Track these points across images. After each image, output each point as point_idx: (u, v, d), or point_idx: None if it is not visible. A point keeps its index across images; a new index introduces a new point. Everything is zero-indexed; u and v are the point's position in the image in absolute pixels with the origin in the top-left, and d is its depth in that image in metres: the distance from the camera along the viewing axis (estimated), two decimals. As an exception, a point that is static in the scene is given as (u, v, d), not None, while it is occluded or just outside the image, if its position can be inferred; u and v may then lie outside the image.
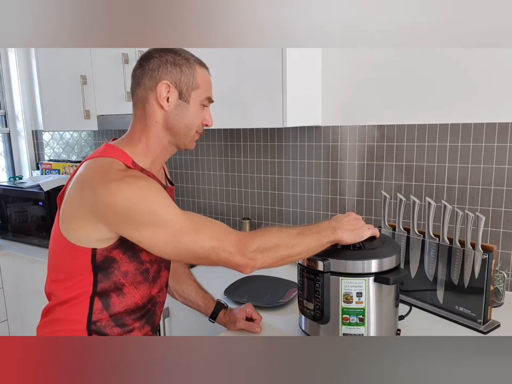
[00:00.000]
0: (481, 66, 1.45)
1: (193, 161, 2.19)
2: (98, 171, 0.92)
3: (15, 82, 2.74)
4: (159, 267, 1.06)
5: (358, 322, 1.07)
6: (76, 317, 0.97)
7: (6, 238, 2.39)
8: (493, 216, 1.49)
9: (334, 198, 1.80)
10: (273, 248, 0.97)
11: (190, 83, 1.00)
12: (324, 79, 1.74)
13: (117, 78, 1.86)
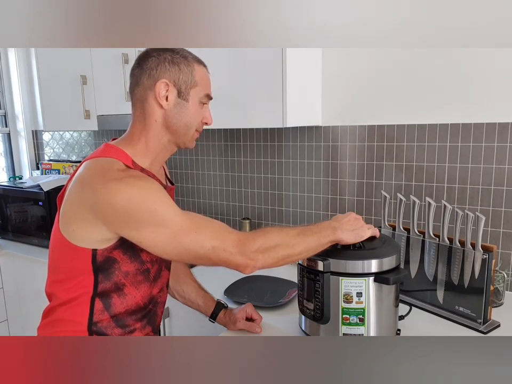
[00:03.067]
0: (481, 66, 1.45)
1: (193, 161, 2.19)
2: (98, 171, 0.92)
3: (15, 82, 2.74)
4: (159, 267, 1.06)
5: (358, 322, 1.07)
6: (76, 318, 0.97)
7: (6, 238, 2.39)
8: (493, 216, 1.49)
9: (334, 198, 1.80)
10: (273, 248, 0.97)
11: (188, 81, 1.00)
12: (324, 79, 1.73)
13: (117, 78, 1.86)
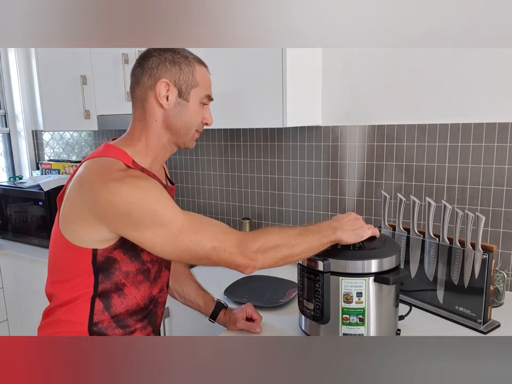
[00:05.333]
0: (481, 66, 1.45)
1: (193, 161, 2.19)
2: (98, 171, 0.92)
3: (15, 82, 2.74)
4: (160, 267, 1.06)
5: (358, 322, 1.07)
6: (77, 318, 0.97)
7: (6, 238, 2.39)
8: (493, 216, 1.49)
9: (334, 198, 1.80)
10: (274, 249, 0.97)
11: (189, 81, 1.00)
12: (324, 79, 1.73)
13: (117, 78, 1.86)
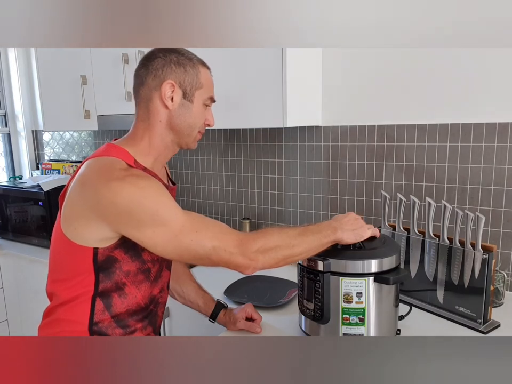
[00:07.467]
0: (481, 66, 1.45)
1: (193, 161, 2.19)
2: (100, 170, 0.92)
3: (15, 82, 2.74)
4: (160, 267, 1.06)
5: (358, 322, 1.07)
6: (77, 318, 0.97)
7: (6, 238, 2.39)
8: (493, 216, 1.49)
9: (334, 198, 1.80)
10: (274, 249, 0.97)
11: (194, 83, 1.00)
12: (324, 79, 1.74)
13: (117, 78, 1.86)
